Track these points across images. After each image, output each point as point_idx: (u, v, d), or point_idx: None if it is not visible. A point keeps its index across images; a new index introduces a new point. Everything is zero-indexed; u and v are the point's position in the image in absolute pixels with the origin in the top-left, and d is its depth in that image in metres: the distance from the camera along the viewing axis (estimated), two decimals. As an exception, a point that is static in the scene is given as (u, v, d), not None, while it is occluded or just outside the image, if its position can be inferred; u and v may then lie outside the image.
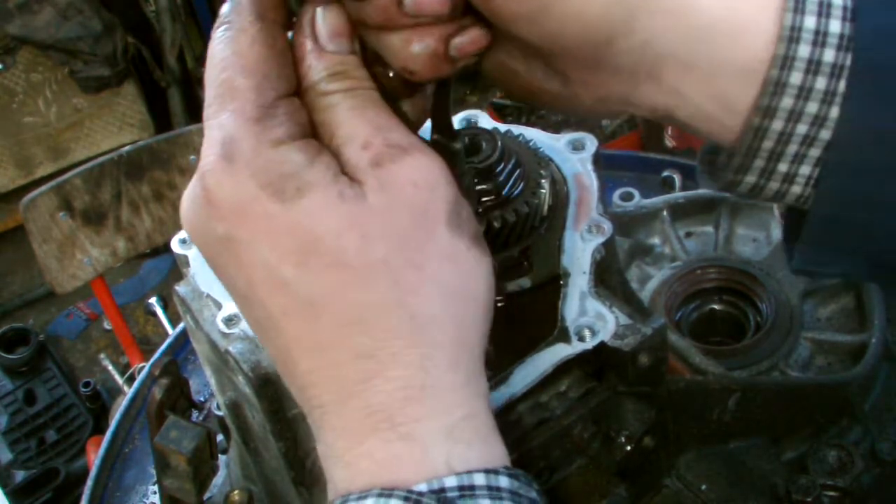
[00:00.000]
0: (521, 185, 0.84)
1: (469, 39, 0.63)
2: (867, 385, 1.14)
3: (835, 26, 0.59)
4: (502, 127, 0.90)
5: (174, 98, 4.15)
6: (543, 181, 0.85)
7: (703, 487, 0.98)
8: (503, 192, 0.82)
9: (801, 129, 0.61)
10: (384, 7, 0.61)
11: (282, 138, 0.60)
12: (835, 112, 0.60)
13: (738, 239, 1.39)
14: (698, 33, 0.61)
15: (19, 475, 3.18)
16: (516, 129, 0.92)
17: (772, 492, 1.01)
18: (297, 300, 0.59)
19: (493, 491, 0.57)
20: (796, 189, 0.65)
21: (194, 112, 4.18)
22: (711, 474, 1.00)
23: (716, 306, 1.30)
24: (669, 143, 3.72)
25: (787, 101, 0.61)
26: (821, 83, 0.60)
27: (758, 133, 0.62)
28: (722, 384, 1.01)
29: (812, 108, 0.60)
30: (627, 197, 1.41)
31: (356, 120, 0.62)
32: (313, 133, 0.63)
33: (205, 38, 4.17)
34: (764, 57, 0.60)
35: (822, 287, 1.27)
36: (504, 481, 0.57)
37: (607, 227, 0.86)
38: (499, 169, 0.82)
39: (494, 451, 0.60)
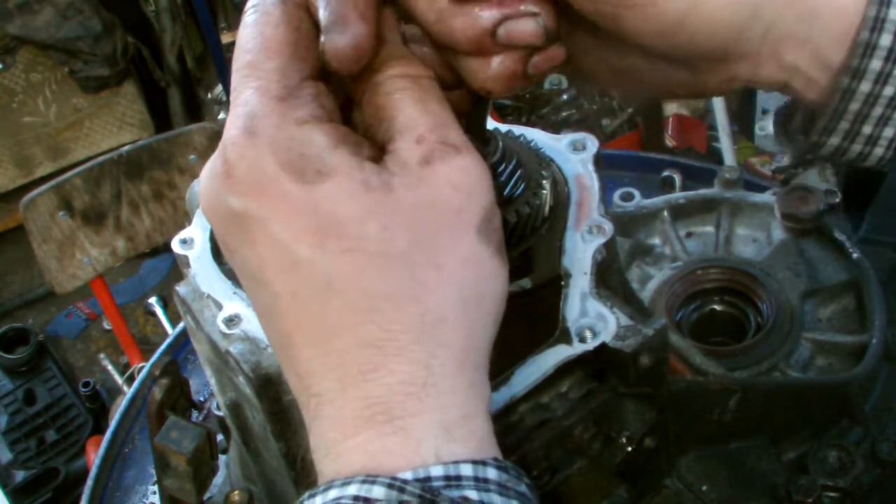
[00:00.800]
0: (522, 185, 0.84)
1: (546, 58, 0.64)
2: (868, 385, 1.14)
3: None
4: (503, 127, 0.90)
5: (174, 98, 4.15)
6: (545, 182, 0.85)
7: (704, 488, 0.98)
8: (504, 193, 0.82)
9: (889, 91, 0.62)
10: (476, 37, 0.61)
11: (306, 118, 0.59)
12: None
13: (739, 239, 1.39)
14: (811, 12, 0.62)
15: (19, 475, 3.19)
16: (517, 129, 0.92)
17: (772, 492, 1.01)
18: (308, 281, 0.58)
19: (479, 482, 0.56)
20: (878, 151, 0.66)
21: (194, 112, 4.19)
22: (712, 475, 1.00)
23: (716, 307, 1.30)
24: (669, 143, 3.72)
25: (875, 63, 0.61)
26: None
27: (845, 94, 0.63)
28: (722, 385, 1.01)
29: None
30: (628, 197, 1.41)
31: (418, 111, 0.61)
32: (342, 117, 0.63)
33: (205, 38, 4.17)
34: (857, 21, 0.62)
35: (823, 287, 1.27)
36: (492, 473, 0.57)
37: (608, 227, 0.85)
38: (500, 169, 0.82)
39: (486, 451, 0.60)
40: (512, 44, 0.61)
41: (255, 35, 0.61)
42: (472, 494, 0.55)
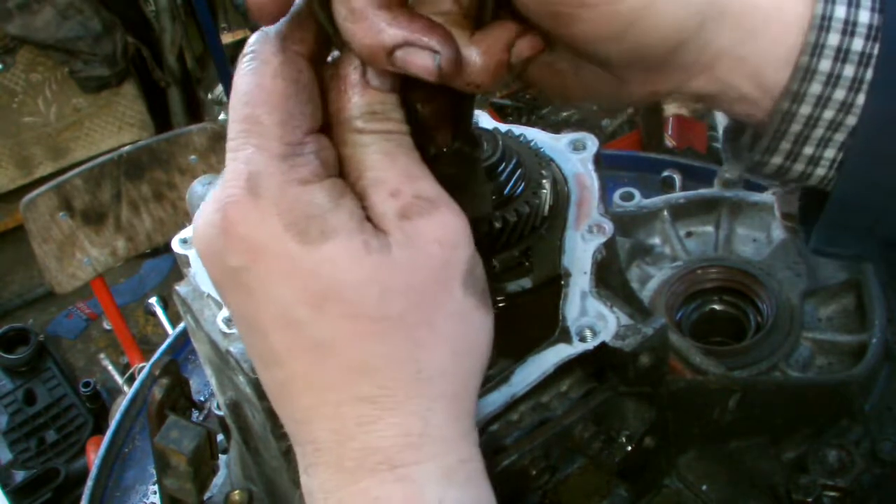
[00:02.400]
0: (522, 185, 0.84)
1: (528, 45, 0.63)
2: (867, 385, 1.14)
3: (864, 16, 0.61)
4: (503, 127, 0.90)
5: (174, 98, 4.15)
6: (544, 181, 0.85)
7: (704, 487, 0.98)
8: (504, 193, 0.82)
9: (828, 114, 0.63)
10: (373, 50, 0.59)
11: (308, 177, 0.59)
12: (861, 99, 0.62)
13: (739, 239, 1.39)
14: (752, 31, 0.63)
15: (19, 475, 3.18)
16: (517, 129, 0.92)
17: (772, 492, 1.01)
18: (305, 340, 0.59)
19: None
20: (820, 171, 0.66)
21: (194, 112, 4.19)
22: (712, 474, 1.00)
23: (716, 306, 1.30)
24: (669, 143, 3.72)
25: (815, 87, 0.62)
26: (849, 71, 0.61)
27: (786, 117, 0.64)
28: (722, 384, 1.01)
29: (839, 94, 0.62)
30: (628, 197, 1.41)
31: (387, 165, 0.61)
32: (339, 168, 0.63)
33: (205, 38, 4.17)
34: (798, 45, 0.62)
35: (823, 287, 1.27)
36: None
37: (608, 227, 0.86)
38: (500, 169, 0.82)
39: (483, 495, 0.62)
40: (402, 70, 0.60)
41: (253, 86, 0.61)
42: None
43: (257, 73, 0.61)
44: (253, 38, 0.63)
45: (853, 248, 0.71)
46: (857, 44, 0.61)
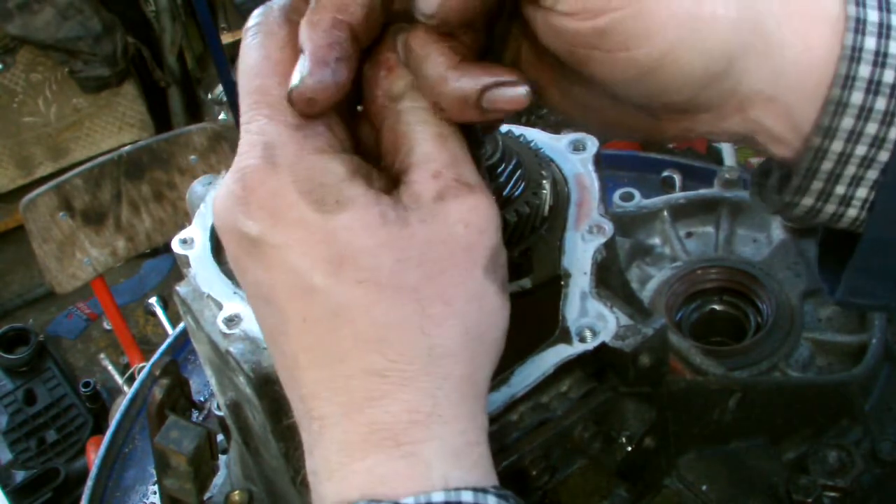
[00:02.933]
0: (522, 185, 0.84)
1: (507, 97, 0.62)
2: (867, 385, 1.14)
3: (894, 47, 0.59)
4: (503, 127, 0.90)
5: (174, 98, 4.15)
6: (544, 182, 0.85)
7: (704, 488, 0.98)
8: (504, 193, 0.82)
9: (861, 150, 0.61)
10: (462, 103, 0.61)
11: (324, 147, 0.60)
12: (893, 133, 0.60)
13: (739, 239, 1.39)
14: (781, 70, 0.61)
15: (19, 475, 3.18)
16: (517, 129, 0.92)
17: (772, 492, 1.01)
18: (320, 308, 0.59)
19: None
20: (852, 212, 0.65)
21: (194, 112, 4.19)
22: (712, 474, 1.00)
23: (716, 307, 1.30)
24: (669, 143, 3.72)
25: (847, 121, 0.60)
26: (881, 103, 0.60)
27: (818, 154, 0.62)
28: (722, 384, 1.01)
29: (872, 128, 0.60)
30: (628, 197, 1.41)
31: (437, 146, 0.62)
32: (372, 142, 0.64)
33: (205, 38, 4.16)
34: (827, 78, 0.60)
35: (823, 287, 1.27)
36: (492, 500, 0.58)
37: (608, 227, 0.85)
38: (500, 169, 0.82)
39: (488, 479, 0.61)
40: (492, 111, 0.62)
41: (261, 57, 0.61)
42: None
43: (264, 45, 0.61)
44: (256, 12, 0.63)
45: (883, 298, 0.69)
46: (889, 75, 0.59)
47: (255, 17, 0.63)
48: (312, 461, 0.61)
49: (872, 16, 0.59)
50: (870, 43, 0.59)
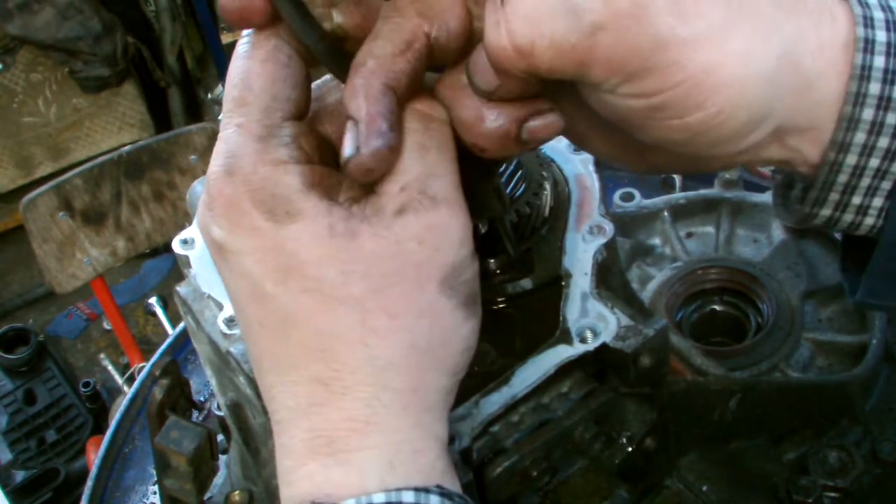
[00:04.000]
0: (523, 186, 0.84)
1: (543, 124, 0.64)
2: (868, 386, 1.14)
3: None
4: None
5: (174, 98, 4.15)
6: (545, 183, 0.85)
7: (705, 488, 0.98)
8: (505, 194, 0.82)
9: (874, 162, 0.63)
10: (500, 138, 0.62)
11: (283, 159, 0.61)
12: None
13: (739, 239, 1.39)
14: (820, 101, 0.63)
15: (19, 475, 3.18)
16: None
17: (772, 492, 1.01)
18: (272, 315, 0.61)
19: None
20: (869, 220, 0.67)
21: (194, 112, 4.19)
22: (712, 475, 1.00)
23: (717, 307, 1.30)
24: (669, 143, 3.72)
25: (860, 136, 0.62)
26: (891, 119, 0.62)
27: (833, 167, 0.64)
28: (723, 385, 1.01)
29: (884, 142, 0.62)
30: (628, 197, 1.41)
31: (415, 158, 0.62)
32: (323, 157, 0.64)
33: (205, 38, 4.17)
34: (840, 97, 0.62)
35: (823, 287, 1.27)
36: (434, 500, 0.59)
37: (608, 228, 0.86)
38: (500, 170, 0.82)
39: (435, 482, 0.61)
40: (534, 140, 0.64)
41: (243, 70, 0.63)
42: None
43: (249, 57, 0.63)
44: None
45: None
46: None
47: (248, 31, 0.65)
48: (277, 463, 0.64)
49: (881, 36, 0.61)
50: (879, 62, 0.61)
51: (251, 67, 0.62)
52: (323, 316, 0.60)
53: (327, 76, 0.68)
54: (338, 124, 0.66)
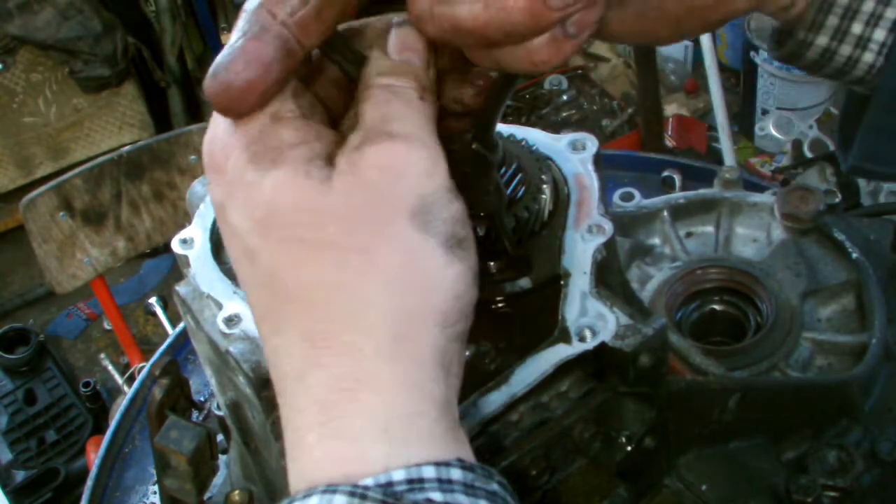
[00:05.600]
0: (522, 189, 0.84)
1: (585, 18, 0.61)
2: (867, 385, 1.14)
3: None
4: (504, 130, 0.90)
5: (174, 98, 4.15)
6: (544, 186, 0.85)
7: (704, 487, 0.98)
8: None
9: None
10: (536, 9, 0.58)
11: (280, 113, 0.61)
12: None
13: (739, 239, 1.39)
14: None
15: (19, 475, 3.18)
16: (518, 130, 0.92)
17: (772, 492, 1.01)
18: (260, 272, 0.60)
19: (443, 483, 0.55)
20: (868, 57, 0.62)
21: (194, 112, 4.18)
22: (712, 474, 1.00)
23: (716, 306, 1.29)
24: (669, 143, 3.72)
25: None
26: None
27: None
28: (722, 384, 1.01)
29: None
30: (627, 197, 1.41)
31: (379, 108, 0.62)
32: (320, 116, 0.65)
33: (205, 38, 4.17)
34: None
35: (823, 287, 1.27)
36: (456, 473, 0.56)
37: (608, 227, 0.85)
38: (500, 173, 0.82)
39: (445, 450, 0.58)
40: (584, 31, 0.61)
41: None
42: (437, 496, 0.54)
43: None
44: (247, 6, 0.66)
45: (893, 164, 0.67)
46: None
47: (246, 10, 0.66)
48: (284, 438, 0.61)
49: None
50: None
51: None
52: (302, 264, 0.59)
53: None
54: (328, 88, 0.67)
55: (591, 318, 0.80)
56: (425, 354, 0.59)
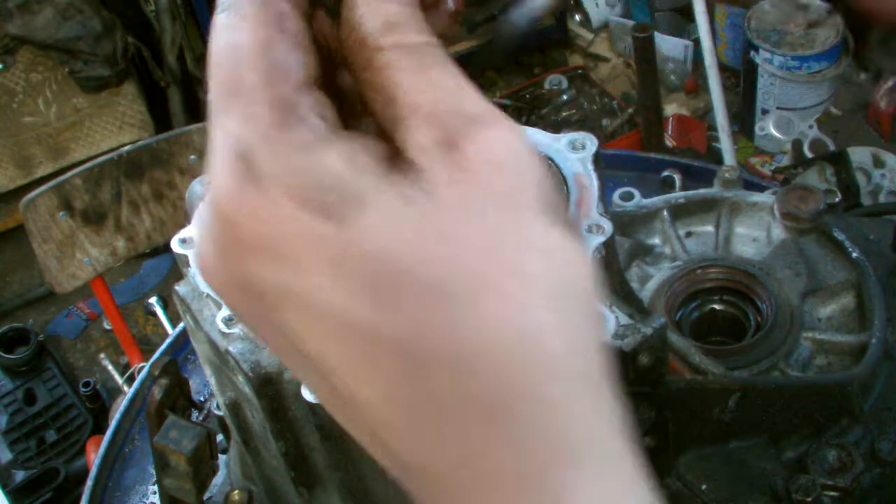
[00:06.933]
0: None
1: None
2: (867, 385, 1.14)
3: None
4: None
5: (174, 98, 4.15)
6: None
7: (704, 487, 0.98)
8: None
9: None
10: None
11: (311, 141, 0.44)
12: None
13: (739, 239, 1.39)
14: None
15: (19, 475, 3.18)
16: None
17: (772, 491, 1.01)
18: (384, 356, 0.42)
19: None
20: None
21: (194, 112, 4.18)
22: (711, 474, 1.00)
23: (716, 306, 1.30)
24: (669, 143, 3.72)
25: None
26: None
27: None
28: (722, 384, 1.01)
29: None
30: (627, 197, 1.41)
31: (419, 82, 0.47)
32: (359, 103, 0.50)
33: (205, 37, 4.16)
34: None
35: (823, 287, 1.27)
36: None
37: (607, 227, 0.85)
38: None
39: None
40: None
41: (231, 42, 0.47)
42: None
43: (235, 28, 0.47)
44: None
45: None
46: None
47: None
48: None
49: None
50: None
51: (240, 40, 0.47)
52: (452, 316, 0.42)
53: None
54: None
55: (590, 318, 0.79)
56: (600, 374, 0.49)
